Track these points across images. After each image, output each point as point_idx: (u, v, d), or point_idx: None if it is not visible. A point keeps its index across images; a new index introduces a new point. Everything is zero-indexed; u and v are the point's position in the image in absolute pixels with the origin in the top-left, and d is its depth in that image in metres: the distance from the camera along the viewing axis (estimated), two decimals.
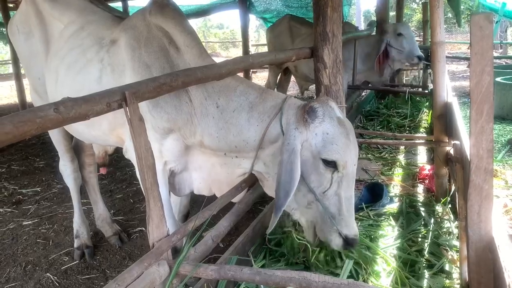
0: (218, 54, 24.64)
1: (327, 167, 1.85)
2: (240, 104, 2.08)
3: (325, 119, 1.85)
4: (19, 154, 6.33)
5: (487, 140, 1.42)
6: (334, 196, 1.89)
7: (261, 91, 2.13)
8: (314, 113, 1.84)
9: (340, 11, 2.93)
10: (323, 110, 1.86)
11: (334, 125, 1.85)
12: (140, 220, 3.87)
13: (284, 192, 1.78)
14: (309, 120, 1.84)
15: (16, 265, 3.24)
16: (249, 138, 2.05)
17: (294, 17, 6.81)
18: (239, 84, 2.14)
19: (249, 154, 2.10)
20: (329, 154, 1.82)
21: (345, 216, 1.89)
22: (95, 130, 2.52)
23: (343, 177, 1.87)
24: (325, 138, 1.83)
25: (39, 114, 1.23)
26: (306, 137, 1.85)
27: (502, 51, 16.99)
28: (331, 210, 1.89)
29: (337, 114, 1.90)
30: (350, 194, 1.92)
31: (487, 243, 1.48)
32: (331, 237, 1.91)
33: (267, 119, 2.01)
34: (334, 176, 1.86)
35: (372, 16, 25.59)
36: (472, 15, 1.39)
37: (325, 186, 1.88)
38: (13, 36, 3.09)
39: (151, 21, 2.29)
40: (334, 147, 1.81)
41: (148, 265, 1.64)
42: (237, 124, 2.07)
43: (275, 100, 2.05)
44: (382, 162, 4.30)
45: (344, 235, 1.88)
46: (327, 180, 1.87)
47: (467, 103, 7.83)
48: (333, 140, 1.82)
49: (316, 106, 1.85)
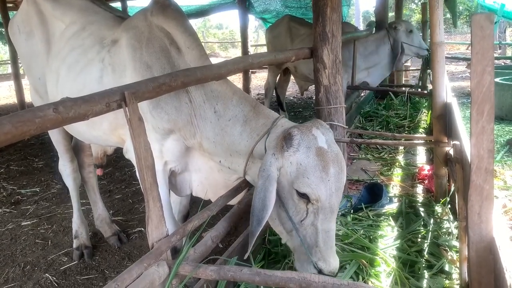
0: (217, 54, 24.63)
1: (301, 198, 1.77)
2: (235, 115, 2.07)
3: (299, 149, 1.75)
4: (18, 154, 6.32)
5: (488, 140, 1.41)
6: (310, 227, 1.81)
7: (254, 104, 2.11)
8: (290, 141, 1.77)
9: (339, 12, 2.94)
10: (300, 139, 1.77)
11: (309, 157, 1.74)
12: (139, 220, 3.87)
13: (257, 220, 1.71)
14: (285, 147, 1.77)
15: (15, 266, 3.23)
16: (240, 150, 2.04)
17: (293, 18, 6.81)
18: (234, 93, 2.13)
19: (240, 167, 2.08)
20: (300, 186, 1.74)
21: (321, 249, 1.80)
22: (95, 130, 2.51)
23: (319, 209, 1.77)
24: (299, 168, 1.75)
25: (38, 114, 1.22)
26: (282, 163, 1.78)
27: (501, 51, 17.00)
28: (307, 240, 1.82)
29: (318, 144, 1.78)
30: (328, 227, 1.81)
31: (487, 243, 1.48)
32: (305, 267, 1.84)
33: (256, 136, 1.98)
34: (309, 207, 1.78)
35: (371, 16, 25.62)
36: (473, 15, 1.39)
37: (301, 215, 1.80)
38: (13, 36, 3.09)
39: (153, 21, 2.29)
40: (306, 180, 1.72)
41: (148, 265, 1.63)
42: (231, 134, 2.06)
43: (267, 118, 2.02)
44: (381, 163, 4.30)
45: (319, 268, 1.81)
46: (303, 210, 1.79)
47: (466, 104, 7.84)
48: (305, 173, 1.73)
49: (294, 134, 1.77)
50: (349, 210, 2.97)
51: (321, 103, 3.03)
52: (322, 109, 3.04)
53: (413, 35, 5.85)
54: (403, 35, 5.78)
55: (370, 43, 5.92)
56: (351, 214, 2.87)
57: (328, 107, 3.02)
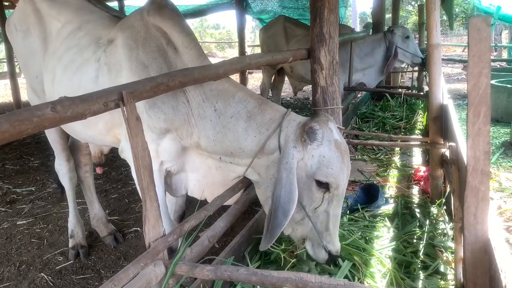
0: (214, 54, 24.64)
1: (320, 188, 1.89)
2: (238, 111, 2.08)
3: (323, 142, 1.86)
4: (14, 153, 6.29)
5: (484, 142, 1.42)
6: (323, 213, 1.94)
7: (260, 101, 2.13)
8: (313, 134, 1.86)
9: (336, 13, 2.94)
10: (323, 132, 1.87)
11: (331, 149, 1.86)
12: (135, 220, 3.86)
13: (283, 212, 1.79)
14: (308, 141, 1.86)
15: (10, 265, 3.21)
16: (245, 147, 2.06)
17: (288, 18, 6.84)
18: (238, 90, 2.14)
19: (243, 161, 2.11)
20: (323, 176, 1.85)
21: (331, 232, 1.96)
22: (91, 130, 2.50)
23: (333, 197, 1.91)
24: (321, 160, 1.85)
25: (36, 113, 1.22)
26: (302, 156, 1.87)
27: (497, 54, 17.10)
28: (319, 226, 1.96)
29: (335, 137, 1.91)
30: (338, 211, 1.98)
31: (483, 244, 1.49)
32: (318, 251, 1.99)
33: (265, 131, 2.01)
34: (325, 196, 1.90)
35: (368, 18, 25.70)
36: (470, 18, 1.40)
37: (317, 203, 1.92)
38: (10, 34, 3.07)
39: (149, 21, 2.28)
40: (329, 171, 1.84)
41: (144, 265, 1.63)
42: (234, 130, 2.07)
43: (275, 114, 2.06)
44: (377, 164, 4.31)
45: (328, 250, 1.97)
46: (319, 199, 1.91)
47: (462, 105, 7.88)
48: (329, 164, 1.85)
49: (316, 128, 1.86)
50: (345, 210, 2.98)
51: (318, 104, 3.04)
52: (319, 110, 3.05)
53: (409, 41, 5.93)
54: (399, 39, 5.85)
55: (367, 44, 5.98)
56: (347, 215, 2.88)
57: (325, 108, 3.03)
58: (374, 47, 5.94)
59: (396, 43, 5.81)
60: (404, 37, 5.89)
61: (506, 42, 19.47)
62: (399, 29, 5.94)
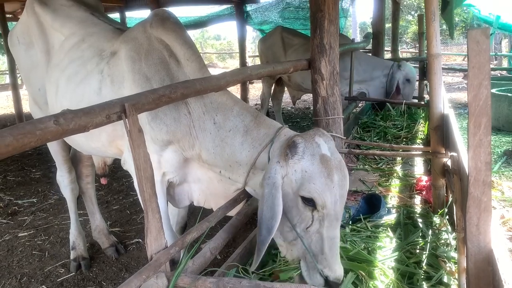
0: (215, 64, 24.75)
1: (306, 205, 1.78)
2: (236, 125, 2.08)
3: (304, 156, 1.78)
4: (15, 165, 6.30)
5: (485, 153, 1.43)
6: (316, 234, 1.81)
7: (255, 114, 2.12)
8: (295, 148, 1.79)
9: (336, 24, 2.97)
10: (305, 146, 1.79)
11: (314, 163, 1.76)
12: (137, 231, 3.85)
13: (266, 229, 1.72)
14: (290, 155, 1.79)
15: (11, 277, 3.20)
16: (241, 161, 2.05)
17: (286, 29, 6.91)
18: (235, 104, 2.14)
19: (240, 178, 2.09)
20: (306, 192, 1.75)
21: (327, 256, 1.80)
22: (94, 142, 2.51)
23: (324, 216, 1.78)
24: (304, 175, 1.77)
25: (39, 126, 1.23)
26: (286, 171, 1.80)
27: (497, 62, 17.16)
28: (313, 248, 1.82)
29: (322, 151, 1.80)
30: (334, 234, 1.82)
31: (486, 255, 1.48)
32: (313, 275, 1.84)
33: (258, 146, 1.99)
34: (314, 215, 1.79)
35: (368, 28, 25.83)
36: (469, 30, 1.41)
37: (307, 223, 1.81)
38: (13, 47, 3.10)
39: (152, 33, 2.30)
40: (312, 186, 1.74)
41: (147, 277, 1.63)
42: (231, 144, 2.07)
43: (269, 128, 2.04)
44: (379, 173, 4.31)
45: (325, 275, 1.81)
46: (308, 218, 1.80)
47: (463, 114, 7.88)
48: (311, 179, 1.75)
49: (298, 142, 1.80)
50: (348, 221, 2.97)
51: (319, 114, 3.05)
52: (320, 120, 3.06)
53: (408, 84, 5.97)
54: (401, 76, 5.88)
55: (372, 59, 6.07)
56: (350, 225, 2.87)
57: (326, 118, 3.04)
58: (376, 67, 6.01)
59: (396, 77, 5.86)
60: (405, 78, 5.93)
61: (506, 51, 19.53)
62: (406, 68, 5.97)
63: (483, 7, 11.15)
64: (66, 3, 2.92)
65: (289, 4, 10.40)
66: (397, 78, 5.87)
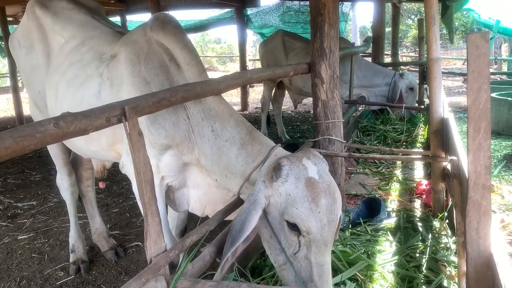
0: (216, 68, 24.83)
1: (292, 230, 1.71)
2: (233, 136, 2.07)
3: (288, 180, 1.71)
4: (15, 168, 6.30)
5: (485, 157, 1.43)
6: (304, 260, 1.72)
7: (250, 129, 2.11)
8: (279, 171, 1.73)
9: (337, 28, 2.97)
10: (289, 169, 1.73)
11: (298, 187, 1.69)
12: (137, 234, 3.85)
13: (232, 240, 1.67)
14: (274, 177, 1.74)
15: (11, 280, 3.20)
16: (236, 173, 2.05)
17: (287, 32, 6.93)
18: (231, 115, 2.13)
19: (235, 188, 2.09)
20: (289, 216, 1.69)
21: (317, 283, 1.70)
22: (93, 145, 2.51)
23: (311, 242, 1.69)
24: (288, 199, 1.70)
25: (39, 129, 1.23)
26: (271, 193, 1.75)
27: (497, 66, 17.19)
28: (303, 274, 1.73)
29: (309, 174, 1.73)
30: (323, 260, 1.72)
31: (486, 259, 1.48)
32: None
33: (251, 163, 1.98)
34: (301, 240, 1.71)
35: (368, 32, 25.87)
36: (469, 34, 1.41)
37: (294, 248, 1.73)
38: (14, 50, 3.11)
39: (152, 37, 2.30)
40: (295, 211, 1.67)
41: (146, 280, 1.62)
42: (227, 155, 2.06)
43: (262, 145, 2.02)
44: (379, 177, 4.30)
45: None
46: (295, 243, 1.73)
47: (463, 118, 7.88)
48: (294, 203, 1.68)
49: (283, 164, 1.74)
50: (348, 225, 2.97)
51: (319, 117, 3.05)
52: (320, 123, 3.06)
53: (411, 93, 6.08)
54: (404, 85, 5.98)
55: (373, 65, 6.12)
56: (350, 229, 2.87)
57: (326, 121, 3.04)
58: (376, 74, 6.05)
59: (399, 85, 5.96)
60: (409, 87, 6.02)
61: (506, 55, 19.56)
62: (409, 77, 6.06)
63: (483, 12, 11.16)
64: (66, 6, 2.92)
65: (290, 8, 10.44)
66: (400, 87, 5.95)
